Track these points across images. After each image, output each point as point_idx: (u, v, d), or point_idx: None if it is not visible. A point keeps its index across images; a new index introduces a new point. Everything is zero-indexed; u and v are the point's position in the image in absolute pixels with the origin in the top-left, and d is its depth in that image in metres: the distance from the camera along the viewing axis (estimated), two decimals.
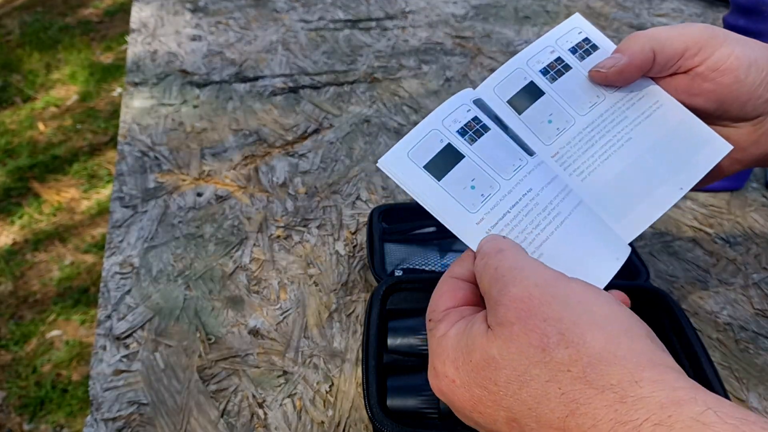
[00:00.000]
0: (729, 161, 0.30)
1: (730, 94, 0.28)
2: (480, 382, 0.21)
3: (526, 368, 0.20)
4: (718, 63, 0.28)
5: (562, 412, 0.19)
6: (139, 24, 0.83)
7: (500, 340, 0.21)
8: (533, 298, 0.21)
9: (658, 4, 0.94)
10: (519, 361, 0.20)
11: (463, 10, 0.91)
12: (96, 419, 0.36)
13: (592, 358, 0.19)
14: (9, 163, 1.62)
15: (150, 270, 0.46)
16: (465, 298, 0.24)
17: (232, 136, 0.62)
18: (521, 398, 0.20)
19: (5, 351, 1.15)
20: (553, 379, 0.19)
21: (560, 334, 0.20)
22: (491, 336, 0.21)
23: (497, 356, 0.20)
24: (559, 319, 0.20)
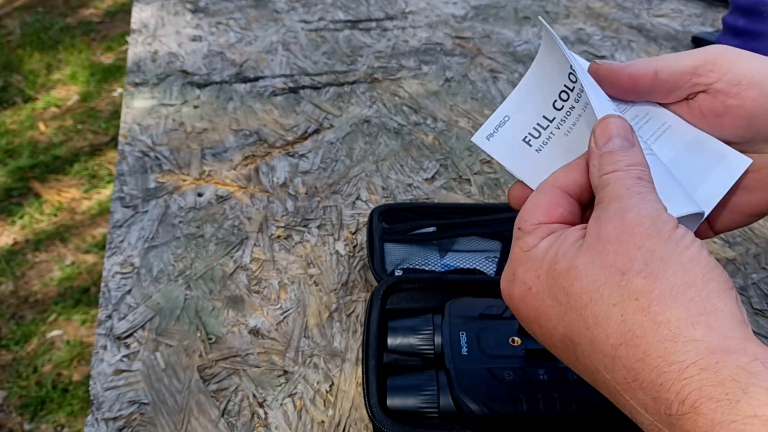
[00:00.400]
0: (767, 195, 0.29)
1: (758, 109, 0.26)
2: (553, 291, 0.21)
3: (600, 285, 0.20)
4: (738, 77, 0.26)
5: (616, 339, 0.19)
6: (140, 24, 0.83)
7: (590, 253, 0.21)
8: (641, 226, 0.21)
9: (657, 5, 0.94)
10: (597, 276, 0.20)
11: (463, 10, 0.91)
12: (97, 419, 0.36)
13: (662, 292, 0.19)
14: (10, 163, 1.62)
15: (150, 270, 0.46)
16: (562, 217, 0.24)
17: (232, 136, 0.62)
18: (584, 315, 0.20)
19: (6, 351, 1.16)
20: (620, 303, 0.19)
21: (645, 263, 0.20)
22: (583, 248, 0.21)
23: (580, 266, 0.21)
24: (652, 251, 0.20)
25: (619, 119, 0.24)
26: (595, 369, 0.20)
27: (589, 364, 0.20)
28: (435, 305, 0.39)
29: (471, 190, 0.56)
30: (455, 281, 0.41)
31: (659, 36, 0.85)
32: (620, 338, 0.19)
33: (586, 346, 0.20)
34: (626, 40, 0.83)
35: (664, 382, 0.18)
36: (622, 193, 0.22)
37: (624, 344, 0.19)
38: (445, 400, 0.33)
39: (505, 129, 0.28)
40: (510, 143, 0.27)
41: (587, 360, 0.20)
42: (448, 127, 0.64)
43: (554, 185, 0.25)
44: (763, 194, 0.29)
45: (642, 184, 0.22)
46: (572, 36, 0.84)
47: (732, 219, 0.30)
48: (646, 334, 0.19)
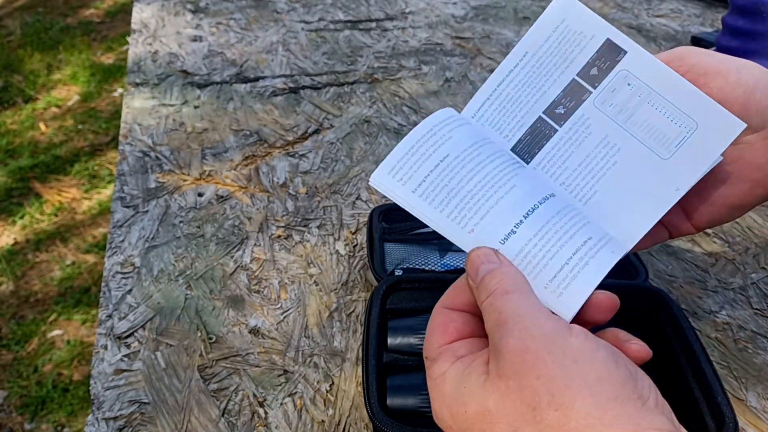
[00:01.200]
0: (750, 184, 0.29)
1: (726, 97, 0.27)
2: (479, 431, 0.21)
3: (518, 426, 0.20)
4: (706, 67, 0.27)
5: None
6: (140, 25, 0.84)
7: (497, 393, 0.21)
8: (529, 352, 0.21)
9: (657, 5, 0.94)
10: (512, 417, 0.21)
11: (462, 11, 0.91)
12: (97, 418, 0.36)
13: (578, 423, 0.19)
14: (10, 163, 1.62)
15: (151, 270, 0.46)
16: (457, 332, 0.25)
17: (232, 136, 0.62)
18: None
19: (6, 351, 1.16)
20: None
21: (551, 394, 0.20)
22: (488, 387, 0.22)
23: (493, 410, 0.21)
24: (552, 377, 0.20)
25: (479, 250, 0.25)
26: None
27: None
28: (435, 305, 0.39)
29: None
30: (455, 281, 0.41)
31: (659, 36, 0.85)
32: None
33: None
34: None
35: None
36: (497, 319, 0.22)
37: None
38: None
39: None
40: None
41: None
42: None
43: (443, 306, 0.26)
44: (741, 185, 0.29)
45: (512, 298, 0.23)
46: None
47: (713, 212, 0.30)
48: None
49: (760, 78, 0.28)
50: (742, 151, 0.28)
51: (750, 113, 0.27)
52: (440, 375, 0.23)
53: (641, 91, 0.27)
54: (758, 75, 0.28)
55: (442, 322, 0.25)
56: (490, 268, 0.24)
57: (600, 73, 0.28)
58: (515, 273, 0.24)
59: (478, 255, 0.25)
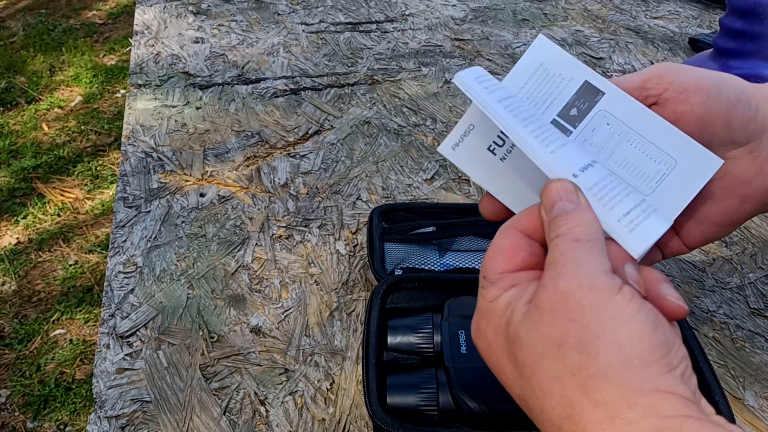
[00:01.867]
0: (738, 199, 0.29)
1: (708, 113, 0.27)
2: (510, 353, 0.22)
3: (540, 357, 0.21)
4: (685, 84, 0.27)
5: (560, 413, 0.20)
6: (143, 26, 0.84)
7: (530, 322, 0.21)
8: (571, 298, 0.21)
9: (655, 7, 0.95)
10: (537, 348, 0.21)
11: (462, 12, 0.91)
12: (99, 417, 0.37)
13: (598, 370, 0.19)
14: (13, 164, 1.63)
15: (153, 269, 0.47)
16: (523, 261, 0.24)
17: (234, 137, 0.63)
18: (531, 384, 0.21)
19: (9, 350, 1.16)
20: (559, 377, 0.20)
21: (579, 338, 0.20)
22: (527, 315, 0.22)
23: (522, 336, 0.21)
24: (585, 325, 0.20)
25: (560, 183, 0.24)
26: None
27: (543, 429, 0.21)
28: (434, 304, 0.40)
29: (470, 190, 0.56)
30: (454, 280, 0.41)
31: (656, 38, 0.85)
32: (563, 412, 0.20)
33: (537, 412, 0.21)
34: (624, 41, 0.84)
35: None
36: (557, 260, 0.22)
37: (566, 419, 0.20)
38: (444, 398, 0.33)
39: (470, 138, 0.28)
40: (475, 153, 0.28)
41: (540, 424, 0.21)
42: (448, 129, 0.65)
43: (514, 228, 0.25)
44: (729, 201, 0.29)
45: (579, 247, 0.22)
46: (570, 38, 0.85)
47: (703, 231, 0.29)
48: (584, 413, 0.19)
49: (742, 91, 0.27)
50: (728, 166, 0.28)
51: (733, 127, 0.27)
52: (494, 299, 0.24)
53: (620, 130, 0.28)
54: (739, 88, 0.28)
55: (511, 247, 0.24)
56: (567, 207, 0.23)
57: (579, 113, 0.28)
58: (590, 221, 0.23)
59: (558, 189, 0.24)
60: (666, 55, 0.81)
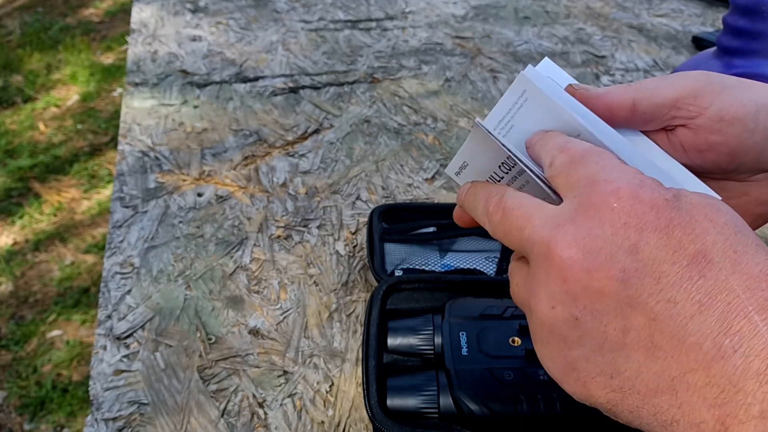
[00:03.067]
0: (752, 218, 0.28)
1: (741, 145, 0.25)
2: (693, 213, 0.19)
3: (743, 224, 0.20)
4: (721, 112, 0.25)
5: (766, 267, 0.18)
6: (140, 24, 0.83)
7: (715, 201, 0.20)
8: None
9: (657, 5, 0.94)
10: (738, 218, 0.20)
11: (463, 10, 0.91)
12: (96, 419, 0.36)
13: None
14: (9, 164, 1.62)
15: (150, 270, 0.46)
16: None
17: (232, 136, 0.62)
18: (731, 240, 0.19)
19: (6, 351, 1.16)
20: (762, 246, 0.19)
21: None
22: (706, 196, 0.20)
23: (722, 206, 0.20)
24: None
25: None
26: (727, 289, 0.18)
27: (721, 285, 0.18)
28: (435, 305, 0.39)
29: None
30: (455, 281, 0.41)
31: (659, 36, 0.85)
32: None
33: (727, 266, 0.18)
34: (626, 39, 0.83)
35: None
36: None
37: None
38: (445, 401, 0.33)
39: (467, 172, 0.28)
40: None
41: (722, 280, 0.18)
42: (448, 127, 0.64)
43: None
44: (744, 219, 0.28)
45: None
46: (572, 36, 0.84)
47: None
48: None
49: None
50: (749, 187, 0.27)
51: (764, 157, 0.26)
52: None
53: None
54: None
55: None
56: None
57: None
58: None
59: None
60: (669, 54, 0.80)
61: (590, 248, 0.19)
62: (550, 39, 0.83)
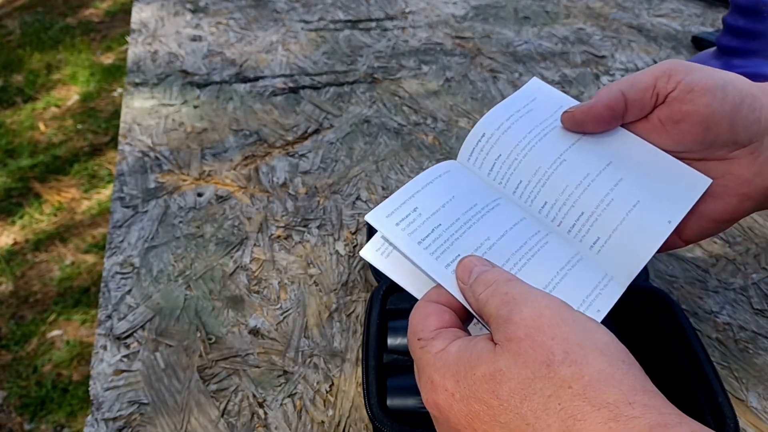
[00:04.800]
0: (738, 198, 0.29)
1: (713, 114, 0.28)
2: (480, 396, 0.21)
3: (530, 382, 0.20)
4: (691, 84, 0.28)
5: (559, 427, 0.19)
6: (140, 24, 0.83)
7: (508, 354, 0.21)
8: (543, 317, 0.22)
9: (657, 5, 0.94)
10: (524, 374, 0.21)
11: (462, 10, 0.91)
12: (96, 419, 0.36)
13: (592, 377, 0.20)
14: (10, 164, 1.62)
15: (150, 270, 0.46)
16: (452, 321, 0.25)
17: (232, 136, 0.62)
18: (521, 412, 0.20)
19: (6, 351, 1.16)
20: (555, 394, 0.20)
21: (565, 352, 0.21)
22: (499, 351, 0.22)
23: (504, 369, 0.21)
24: (565, 339, 0.21)
25: (470, 257, 0.26)
26: None
27: None
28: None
29: None
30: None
31: (659, 36, 0.85)
32: (562, 425, 0.19)
33: None
34: (626, 40, 0.83)
35: None
36: (505, 299, 0.23)
37: (567, 430, 0.19)
38: None
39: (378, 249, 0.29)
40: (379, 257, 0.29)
41: None
42: (448, 127, 0.64)
43: (431, 301, 0.26)
44: (729, 200, 0.30)
45: (517, 281, 0.24)
46: (572, 36, 0.84)
47: (701, 226, 0.30)
48: (588, 417, 0.19)
49: (747, 93, 0.28)
50: (730, 165, 0.29)
51: (737, 129, 0.28)
52: (442, 349, 0.23)
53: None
54: (744, 90, 0.28)
55: (436, 310, 0.25)
56: (484, 269, 0.25)
57: None
58: (509, 273, 0.25)
59: (470, 260, 0.26)
60: (669, 54, 0.80)
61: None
62: (550, 39, 0.83)
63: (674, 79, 0.28)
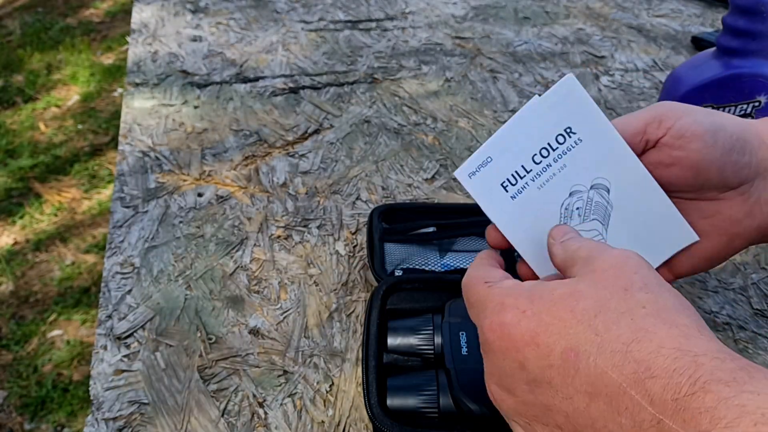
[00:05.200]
0: (728, 237, 0.30)
1: (702, 160, 0.28)
2: (554, 310, 0.22)
3: (606, 300, 0.22)
4: (681, 130, 0.28)
5: (628, 338, 0.20)
6: (140, 24, 0.84)
7: (590, 280, 0.23)
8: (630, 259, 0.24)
9: (657, 5, 0.94)
10: (602, 294, 0.22)
11: (462, 10, 0.91)
12: (97, 419, 0.36)
13: (666, 305, 0.22)
14: (10, 164, 1.62)
15: (151, 270, 0.46)
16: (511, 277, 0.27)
17: (232, 136, 0.62)
18: (592, 324, 0.21)
19: (6, 351, 1.16)
20: (628, 311, 0.21)
21: (645, 284, 0.22)
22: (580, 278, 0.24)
23: (584, 289, 0.23)
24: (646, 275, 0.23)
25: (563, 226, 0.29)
26: (600, 373, 0.20)
27: (593, 370, 0.21)
28: (435, 305, 0.39)
29: None
30: (455, 281, 0.41)
31: (659, 36, 0.85)
32: (632, 336, 0.20)
33: (593, 351, 0.21)
34: (626, 40, 0.83)
35: (678, 368, 0.19)
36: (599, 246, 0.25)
37: (636, 341, 0.20)
38: (445, 400, 0.33)
39: (487, 170, 0.29)
40: (489, 186, 0.29)
41: (592, 366, 0.21)
42: (448, 127, 0.65)
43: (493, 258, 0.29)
44: (719, 239, 0.31)
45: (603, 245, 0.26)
46: (572, 36, 0.84)
47: (692, 264, 0.32)
48: (658, 331, 0.20)
49: (737, 137, 0.29)
50: (720, 205, 0.30)
51: (726, 173, 0.29)
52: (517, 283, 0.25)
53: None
54: (735, 134, 0.29)
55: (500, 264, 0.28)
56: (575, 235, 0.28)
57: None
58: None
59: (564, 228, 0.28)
60: (668, 54, 0.80)
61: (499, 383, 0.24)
62: (550, 39, 0.83)
63: (665, 125, 0.29)
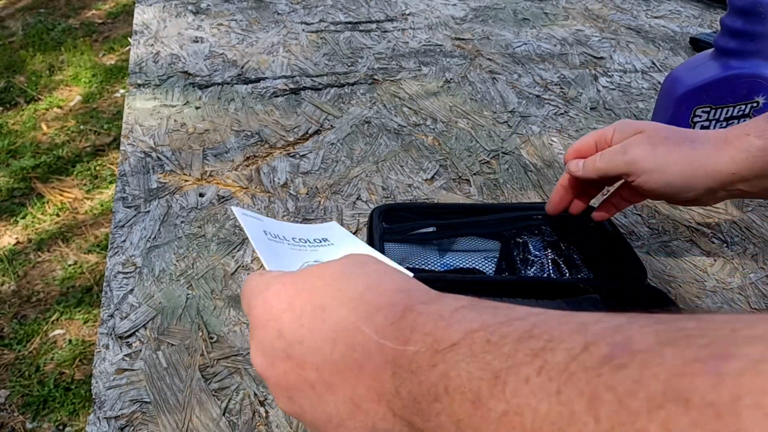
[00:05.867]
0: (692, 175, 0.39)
1: (665, 195, 0.40)
2: (308, 279, 0.26)
3: (350, 266, 0.25)
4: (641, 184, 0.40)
5: (362, 288, 0.23)
6: (142, 26, 0.84)
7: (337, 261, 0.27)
8: (366, 253, 0.27)
9: (655, 6, 0.95)
10: (345, 263, 0.26)
11: (462, 12, 0.91)
12: (99, 417, 0.37)
13: (392, 270, 0.25)
14: (12, 164, 1.62)
15: (152, 269, 0.47)
16: None
17: (233, 137, 0.63)
18: (335, 284, 0.24)
19: (8, 350, 1.16)
20: (364, 273, 0.24)
21: (377, 260, 0.26)
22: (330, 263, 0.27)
23: (332, 264, 0.26)
24: (378, 260, 0.26)
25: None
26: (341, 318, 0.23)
27: (335, 317, 0.23)
28: None
29: (470, 190, 0.56)
30: (455, 281, 0.41)
31: (657, 37, 0.85)
32: (365, 286, 0.23)
33: (335, 303, 0.23)
34: (624, 41, 0.84)
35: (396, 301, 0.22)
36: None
37: (368, 289, 0.23)
38: None
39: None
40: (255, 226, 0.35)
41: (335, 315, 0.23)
42: (448, 128, 0.65)
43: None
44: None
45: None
46: (571, 37, 0.85)
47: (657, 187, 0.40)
48: (385, 282, 0.24)
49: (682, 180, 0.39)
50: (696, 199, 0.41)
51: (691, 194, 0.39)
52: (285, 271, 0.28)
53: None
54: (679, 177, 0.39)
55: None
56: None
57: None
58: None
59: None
60: (666, 55, 0.80)
61: (263, 356, 0.25)
62: (549, 40, 0.84)
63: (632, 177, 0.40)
